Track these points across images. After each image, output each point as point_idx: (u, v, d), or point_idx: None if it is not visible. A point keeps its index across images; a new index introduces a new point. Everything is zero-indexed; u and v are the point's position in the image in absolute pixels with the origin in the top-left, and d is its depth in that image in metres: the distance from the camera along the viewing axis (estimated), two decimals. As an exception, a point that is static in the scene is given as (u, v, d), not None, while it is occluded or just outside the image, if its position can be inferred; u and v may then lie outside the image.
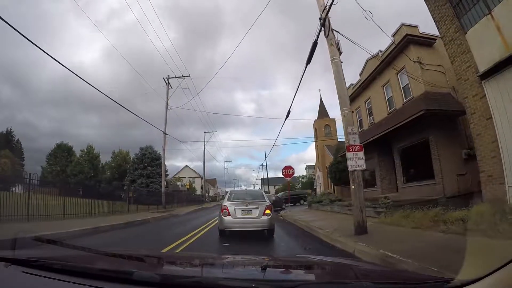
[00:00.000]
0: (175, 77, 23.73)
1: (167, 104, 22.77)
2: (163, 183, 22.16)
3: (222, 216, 6.93)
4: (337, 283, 1.28)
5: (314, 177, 47.97)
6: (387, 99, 14.02)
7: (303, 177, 62.51)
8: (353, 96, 17.05)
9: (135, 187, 28.74)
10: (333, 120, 50.72)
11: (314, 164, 56.05)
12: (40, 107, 76.82)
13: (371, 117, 15.55)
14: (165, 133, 21.60)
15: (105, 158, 43.98)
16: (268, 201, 7.53)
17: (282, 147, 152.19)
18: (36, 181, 10.65)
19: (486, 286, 0.99)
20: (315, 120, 51.75)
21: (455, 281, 1.09)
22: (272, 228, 7.12)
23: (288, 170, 17.04)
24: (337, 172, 35.12)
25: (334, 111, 58.26)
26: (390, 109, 13.81)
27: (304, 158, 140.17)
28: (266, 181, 56.79)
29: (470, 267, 1.41)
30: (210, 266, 1.81)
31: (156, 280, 1.10)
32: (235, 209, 6.89)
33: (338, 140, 43.04)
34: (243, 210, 6.90)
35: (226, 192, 12.90)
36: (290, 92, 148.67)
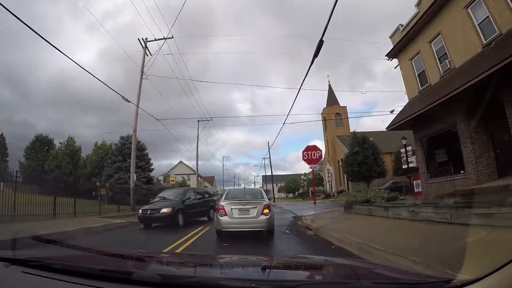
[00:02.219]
0: (155, 40, 18.41)
1: (142, 72, 17.34)
2: (132, 177, 16.66)
3: (219, 217, 6.69)
4: (337, 283, 1.26)
5: (328, 170, 41.86)
6: (478, 24, 8.52)
7: (305, 174, 55.54)
8: (408, 40, 11.54)
9: (111, 183, 23.62)
10: (344, 108, 44.84)
11: (322, 158, 50.22)
12: (28, 102, 71.12)
13: (445, 61, 9.94)
14: (132, 104, 16.01)
15: (89, 152, 38.56)
16: (267, 199, 7.23)
17: (281, 146, 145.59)
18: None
19: (486, 286, 0.94)
20: (324, 109, 45.92)
21: (455, 281, 1.04)
22: (271, 228, 6.80)
23: (312, 152, 10.68)
24: (355, 164, 29.48)
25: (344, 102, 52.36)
26: (486, 38, 8.30)
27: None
28: (268, 179, 50.67)
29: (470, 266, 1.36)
30: (210, 266, 1.78)
31: (156, 280, 1.07)
32: (231, 209, 6.59)
33: (351, 130, 37.63)
34: (240, 209, 6.60)
35: (224, 190, 11.74)
36: (287, 92, 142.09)
